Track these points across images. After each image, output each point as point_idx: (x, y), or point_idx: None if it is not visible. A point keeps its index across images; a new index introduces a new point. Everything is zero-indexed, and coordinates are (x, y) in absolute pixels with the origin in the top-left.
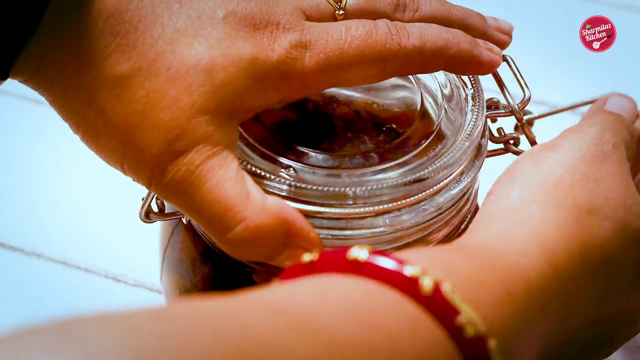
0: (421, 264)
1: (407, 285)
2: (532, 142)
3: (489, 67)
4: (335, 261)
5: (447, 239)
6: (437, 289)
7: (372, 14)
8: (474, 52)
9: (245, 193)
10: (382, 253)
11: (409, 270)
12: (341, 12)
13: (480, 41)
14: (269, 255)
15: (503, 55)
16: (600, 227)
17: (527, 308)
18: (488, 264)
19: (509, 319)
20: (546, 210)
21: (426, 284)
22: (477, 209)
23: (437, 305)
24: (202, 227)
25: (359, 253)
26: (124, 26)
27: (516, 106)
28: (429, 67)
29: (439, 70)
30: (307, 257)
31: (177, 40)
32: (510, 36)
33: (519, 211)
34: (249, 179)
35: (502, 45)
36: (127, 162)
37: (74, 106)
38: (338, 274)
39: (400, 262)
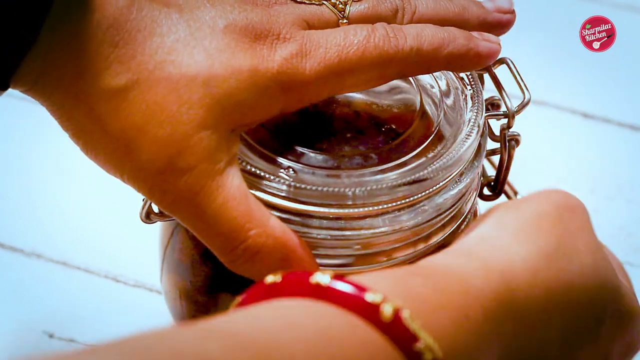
0: (382, 290)
1: (368, 312)
2: (509, 159)
3: (489, 57)
4: (298, 285)
5: (447, 239)
6: (397, 315)
7: (375, 21)
8: (470, 45)
9: (248, 213)
10: (344, 279)
11: (370, 297)
12: (345, 20)
13: (476, 33)
14: (263, 276)
15: (502, 58)
16: (567, 269)
17: (484, 331)
18: (448, 287)
19: (466, 341)
20: (516, 243)
21: (386, 310)
22: (476, 209)
23: (396, 332)
24: (204, 242)
25: (322, 278)
26: (123, 37)
27: (514, 109)
28: (429, 68)
29: (441, 70)
30: (269, 279)
31: (176, 51)
32: (512, 12)
33: (489, 238)
34: (251, 197)
35: (507, 24)
36: (127, 175)
37: (73, 117)
38: (300, 298)
39: (362, 288)
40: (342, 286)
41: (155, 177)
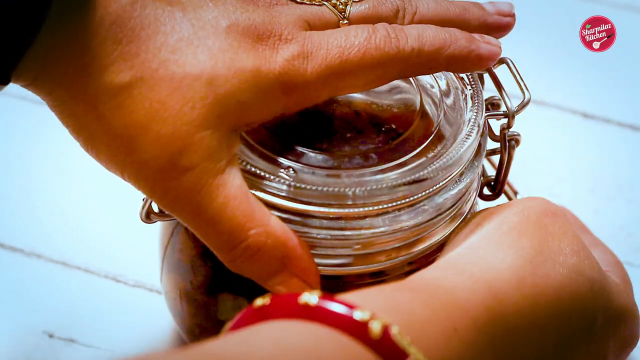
0: (371, 307)
1: (357, 330)
2: (509, 159)
3: (490, 59)
4: (286, 306)
5: (447, 239)
6: (385, 332)
7: (376, 21)
8: (472, 47)
9: (249, 212)
10: (333, 298)
11: (358, 315)
12: (345, 21)
13: (477, 35)
14: (262, 275)
15: (503, 58)
16: (554, 272)
17: (476, 342)
18: (436, 301)
19: (457, 354)
20: (500, 250)
21: (375, 327)
22: (476, 209)
23: (386, 349)
24: (204, 241)
25: (310, 298)
26: (126, 34)
27: (514, 109)
28: (430, 68)
29: (441, 71)
30: (258, 302)
31: (180, 50)
32: (512, 16)
33: (474, 249)
34: (252, 197)
35: (507, 27)
36: (128, 173)
37: (74, 113)
38: (289, 319)
39: (350, 306)
40: (330, 305)
41: (157, 175)
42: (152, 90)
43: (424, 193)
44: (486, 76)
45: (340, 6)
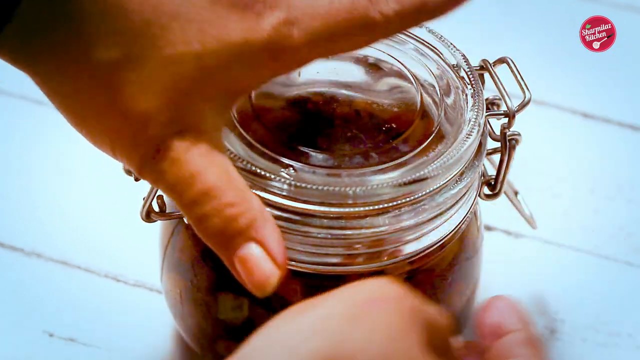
0: None
1: None
2: (509, 159)
3: None
4: None
5: (447, 239)
6: None
7: None
8: None
9: (227, 179)
10: None
11: None
12: None
13: None
14: (225, 237)
15: (503, 57)
16: None
17: None
18: None
19: None
20: (273, 356)
21: None
22: (476, 209)
23: None
24: (175, 202)
25: None
26: (112, 10)
27: (514, 109)
28: (414, 25)
29: (426, 23)
30: None
31: (167, 25)
32: None
33: (256, 350)
34: (239, 178)
35: None
36: (119, 150)
37: (62, 90)
38: None
39: None
40: None
41: (146, 148)
42: (141, 67)
43: (424, 192)
44: (486, 75)
45: None
